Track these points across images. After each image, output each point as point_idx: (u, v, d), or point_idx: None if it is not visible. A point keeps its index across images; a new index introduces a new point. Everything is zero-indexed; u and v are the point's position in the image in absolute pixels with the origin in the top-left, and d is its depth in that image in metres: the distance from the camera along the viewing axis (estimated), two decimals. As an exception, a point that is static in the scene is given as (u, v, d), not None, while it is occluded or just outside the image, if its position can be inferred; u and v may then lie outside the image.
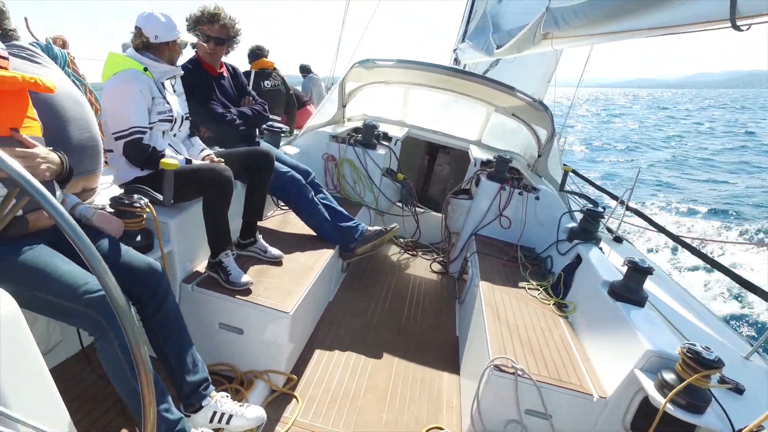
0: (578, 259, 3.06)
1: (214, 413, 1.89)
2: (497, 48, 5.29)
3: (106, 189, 2.51)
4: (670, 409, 1.79)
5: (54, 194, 1.67)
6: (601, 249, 3.15)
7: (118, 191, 2.35)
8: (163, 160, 2.09)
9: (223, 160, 2.55)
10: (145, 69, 2.30)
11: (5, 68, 1.55)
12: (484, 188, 3.95)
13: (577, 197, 4.10)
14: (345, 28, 6.67)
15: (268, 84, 5.36)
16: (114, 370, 1.60)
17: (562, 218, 3.57)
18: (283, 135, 3.88)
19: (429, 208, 5.09)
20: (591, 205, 3.50)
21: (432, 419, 2.42)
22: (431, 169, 6.43)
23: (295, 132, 5.09)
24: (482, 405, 2.16)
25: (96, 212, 1.87)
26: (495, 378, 2.11)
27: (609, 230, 4.01)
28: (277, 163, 3.01)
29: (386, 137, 4.75)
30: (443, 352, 3.05)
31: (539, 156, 4.49)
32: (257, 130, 3.43)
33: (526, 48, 4.71)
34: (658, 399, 1.83)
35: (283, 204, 3.61)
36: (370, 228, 3.27)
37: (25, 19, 2.79)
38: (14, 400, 1.17)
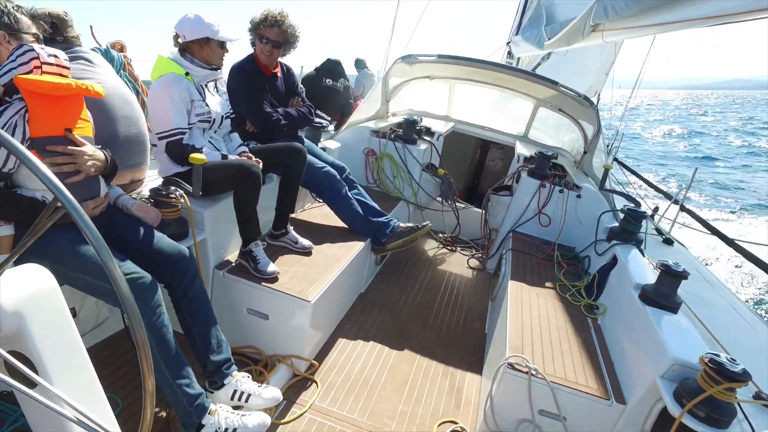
0: (614, 261, 2.95)
1: (234, 391, 2.03)
2: (547, 40, 5.14)
3: (153, 180, 2.73)
4: (688, 420, 1.72)
5: (99, 187, 1.86)
6: (642, 251, 3.02)
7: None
8: (192, 155, 2.25)
9: (253, 157, 2.68)
10: (187, 73, 2.47)
11: (66, 76, 1.74)
12: (524, 185, 3.89)
13: (620, 196, 3.93)
14: (395, 23, 6.71)
15: (328, 82, 5.50)
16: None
17: (602, 217, 3.45)
18: (323, 130, 3.99)
19: (479, 203, 5.07)
20: (632, 205, 3.35)
21: (448, 414, 2.45)
22: (482, 164, 6.38)
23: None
24: (495, 402, 2.16)
25: (135, 203, 2.05)
26: (508, 376, 2.11)
27: (659, 232, 3.82)
28: (312, 158, 3.13)
29: (429, 132, 4.76)
30: (470, 348, 3.05)
31: (585, 152, 4.34)
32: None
33: (576, 40, 4.54)
34: (676, 409, 1.76)
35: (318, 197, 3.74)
36: (402, 224, 3.32)
37: (90, 27, 3.07)
38: (51, 369, 1.34)
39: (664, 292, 2.32)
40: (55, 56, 1.68)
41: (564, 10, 5.52)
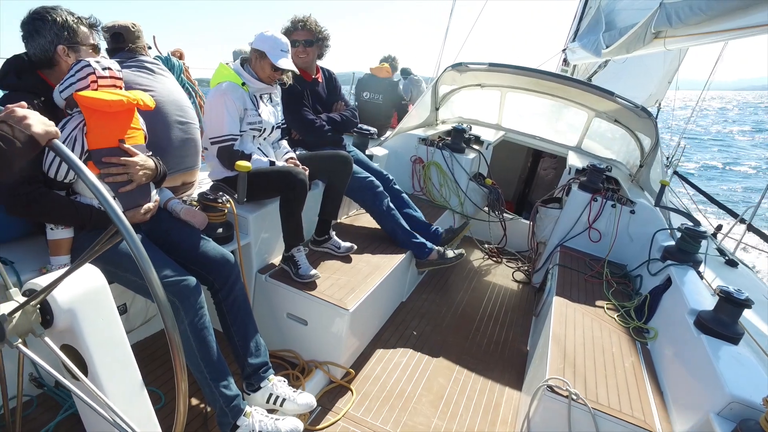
0: (668, 282, 2.79)
1: (270, 395, 2.07)
2: (605, 48, 4.95)
3: (203, 183, 2.83)
4: None
5: (150, 193, 1.96)
6: (700, 274, 2.84)
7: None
8: (238, 162, 2.31)
9: (300, 164, 2.73)
10: (243, 83, 2.56)
11: (120, 87, 1.85)
12: (574, 198, 3.75)
13: (677, 214, 3.70)
14: (448, 28, 6.66)
15: (366, 96, 5.55)
16: (184, 344, 1.83)
17: (657, 235, 3.26)
18: (371, 137, 4.02)
19: (528, 213, 4.94)
20: (691, 224, 3.15)
21: None
22: (533, 174, 6.22)
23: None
24: (532, 425, 2.09)
25: (183, 207, 2.14)
26: (547, 399, 2.03)
27: (721, 252, 3.58)
28: (356, 167, 3.15)
29: (478, 141, 4.70)
30: (510, 365, 2.97)
31: (641, 166, 4.13)
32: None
33: (636, 48, 4.35)
34: None
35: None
36: (438, 248, 3.27)
37: (153, 37, 3.23)
38: (97, 364, 1.41)
39: (724, 320, 2.17)
40: (110, 69, 1.78)
41: (625, 16, 5.31)
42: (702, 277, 2.79)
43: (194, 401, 2.17)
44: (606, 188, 3.77)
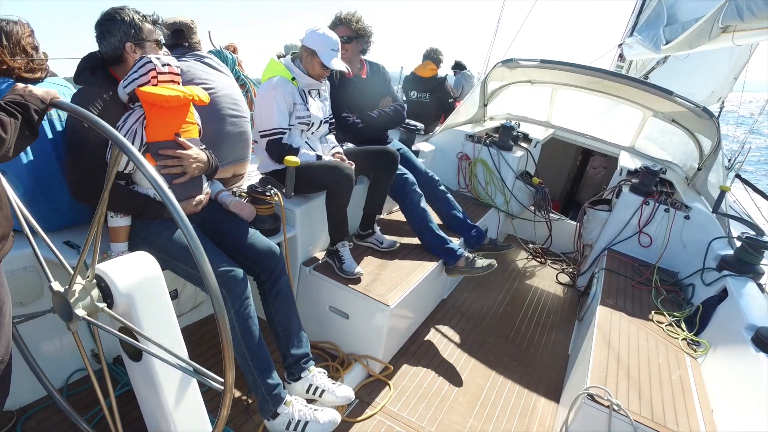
0: (724, 293, 2.66)
1: (310, 385, 2.13)
2: (665, 44, 4.71)
3: (252, 175, 2.92)
4: None
5: (202, 185, 2.04)
6: (761, 286, 2.69)
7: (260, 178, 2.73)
8: (286, 158, 2.37)
9: (347, 159, 2.76)
10: (293, 78, 2.61)
11: (177, 82, 1.93)
12: (625, 201, 3.61)
13: (737, 222, 3.50)
14: (499, 23, 6.53)
15: (413, 95, 5.52)
16: (230, 332, 1.91)
17: (714, 243, 3.11)
18: (418, 133, 4.00)
19: (575, 213, 4.80)
20: (753, 233, 2.97)
21: None
22: (582, 172, 6.03)
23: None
24: None
25: (233, 200, 2.21)
26: (587, 408, 1.99)
27: None
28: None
29: (526, 138, 4.60)
30: (549, 369, 2.92)
31: (699, 169, 3.93)
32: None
33: (700, 43, 4.12)
34: None
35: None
36: (468, 254, 3.11)
37: (209, 32, 3.35)
38: (150, 345, 1.50)
39: None
40: (169, 65, 1.86)
41: (689, 8, 5.02)
42: (763, 291, 2.64)
43: (237, 386, 2.26)
44: (659, 191, 3.61)
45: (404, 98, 5.56)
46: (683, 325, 2.67)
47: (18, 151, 1.23)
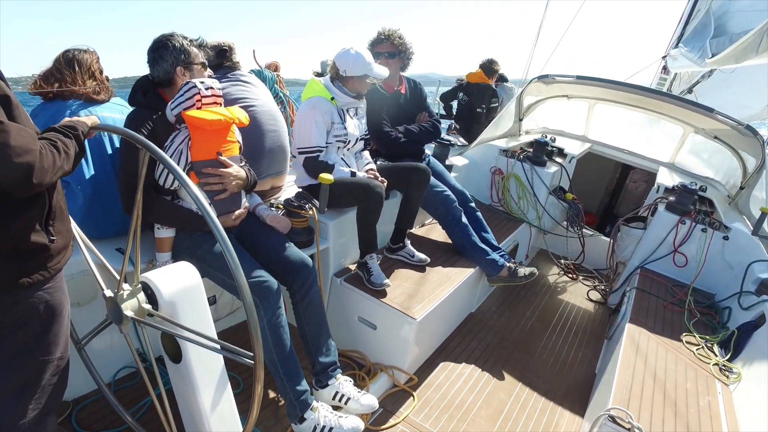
0: (762, 319, 2.60)
1: (336, 393, 2.23)
2: (710, 57, 4.58)
3: (290, 187, 3.06)
4: None
5: (241, 200, 2.18)
6: None
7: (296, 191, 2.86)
8: (321, 175, 2.48)
9: (379, 175, 2.85)
10: (332, 98, 2.73)
11: (219, 104, 2.08)
12: (660, 219, 3.56)
13: None
14: (539, 35, 6.50)
15: (461, 97, 5.62)
16: (262, 339, 2.03)
17: (753, 266, 3.02)
18: (452, 146, 4.06)
19: (612, 226, 4.74)
20: None
21: None
22: (622, 185, 5.92)
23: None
24: None
25: (270, 214, 2.35)
26: (607, 429, 2.00)
27: None
28: (434, 180, 3.21)
29: (561, 153, 4.57)
30: (575, 388, 2.91)
31: (742, 188, 3.81)
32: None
33: (747, 57, 4.00)
34: None
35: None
36: (509, 264, 3.21)
37: (253, 51, 3.53)
38: (189, 350, 1.63)
39: None
40: (212, 88, 2.01)
41: (740, 19, 4.85)
42: None
43: (267, 391, 2.38)
44: (697, 210, 3.53)
45: (440, 111, 5.66)
46: (716, 350, 2.63)
47: (74, 165, 1.39)
